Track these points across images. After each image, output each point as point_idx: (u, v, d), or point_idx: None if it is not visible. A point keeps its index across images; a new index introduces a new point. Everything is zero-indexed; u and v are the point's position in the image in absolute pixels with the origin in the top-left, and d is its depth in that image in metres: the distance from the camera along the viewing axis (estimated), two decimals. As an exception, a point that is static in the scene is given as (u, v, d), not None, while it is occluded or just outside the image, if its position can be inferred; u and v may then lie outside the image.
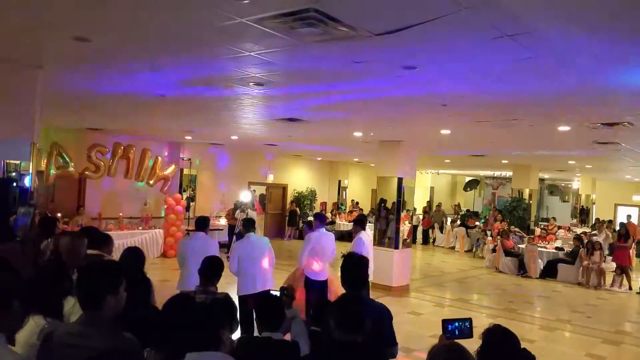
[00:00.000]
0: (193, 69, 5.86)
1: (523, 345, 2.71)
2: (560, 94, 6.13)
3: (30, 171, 6.09)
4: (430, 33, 4.00)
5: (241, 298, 6.34)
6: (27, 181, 6.04)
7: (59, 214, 11.69)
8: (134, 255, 4.35)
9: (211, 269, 4.42)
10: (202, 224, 6.82)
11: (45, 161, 11.99)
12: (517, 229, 16.61)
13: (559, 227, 19.40)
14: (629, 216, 19.45)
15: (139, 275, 3.87)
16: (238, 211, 15.37)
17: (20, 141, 6.00)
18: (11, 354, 2.33)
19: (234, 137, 13.46)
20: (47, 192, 12.94)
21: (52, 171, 12.23)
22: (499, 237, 15.92)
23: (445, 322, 3.08)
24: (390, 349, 3.49)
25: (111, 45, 5.06)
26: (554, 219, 19.84)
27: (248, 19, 3.88)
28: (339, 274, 3.77)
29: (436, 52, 4.62)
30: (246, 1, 3.53)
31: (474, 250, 18.73)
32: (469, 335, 3.04)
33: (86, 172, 13.07)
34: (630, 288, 13.30)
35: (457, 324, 3.07)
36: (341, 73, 5.58)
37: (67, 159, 12.46)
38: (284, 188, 20.83)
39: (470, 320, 3.10)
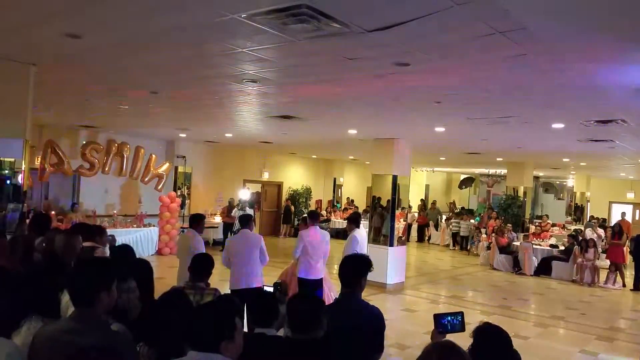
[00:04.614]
0: (186, 65, 5.85)
1: (516, 341, 2.73)
2: (553, 91, 6.15)
3: (23, 168, 6.07)
4: (423, 29, 4.00)
5: (231, 292, 6.41)
6: (20, 178, 6.03)
7: (52, 212, 11.65)
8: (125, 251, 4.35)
9: (199, 265, 4.47)
10: (191, 221, 6.89)
11: (39, 158, 11.96)
12: (510, 227, 16.59)
13: (553, 225, 19.43)
14: (623, 214, 19.48)
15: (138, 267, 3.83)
16: (235, 209, 15.35)
17: (14, 139, 5.98)
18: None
19: (229, 135, 13.43)
20: (41, 189, 12.93)
21: (47, 168, 12.20)
22: (493, 234, 15.96)
23: (438, 317, 3.08)
24: (376, 354, 3.47)
25: (103, 43, 5.04)
26: (547, 216, 19.91)
27: (240, 15, 3.88)
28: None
29: (429, 49, 4.62)
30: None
31: (468, 247, 18.77)
32: (461, 329, 3.05)
33: (80, 170, 13.04)
34: (623, 285, 13.36)
35: (449, 318, 3.08)
36: (334, 70, 5.58)
37: (62, 157, 12.42)
38: (279, 186, 20.82)
39: (462, 314, 3.10)
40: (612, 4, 3.40)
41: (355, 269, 3.57)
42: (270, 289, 5.36)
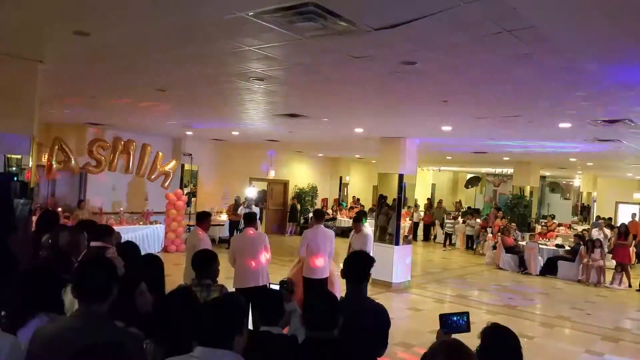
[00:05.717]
0: (193, 63, 5.86)
1: (522, 341, 2.72)
2: (560, 90, 6.12)
3: (30, 165, 6.10)
4: (431, 28, 3.99)
5: (237, 291, 6.44)
6: (27, 175, 6.06)
7: (59, 209, 11.71)
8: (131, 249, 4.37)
9: (201, 262, 4.44)
10: (197, 218, 6.91)
11: (46, 156, 12.01)
12: (514, 226, 16.52)
13: (560, 225, 19.32)
14: (633, 214, 19.23)
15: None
16: (242, 207, 15.37)
17: (21, 136, 6.01)
18: None
19: (235, 133, 13.45)
20: (48, 186, 12.99)
21: (54, 165, 12.24)
22: (499, 234, 15.92)
23: (443, 317, 3.08)
24: (381, 350, 3.49)
25: (110, 40, 5.06)
26: (552, 216, 19.80)
27: (247, 13, 3.88)
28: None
29: (436, 48, 4.61)
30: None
31: (474, 247, 18.73)
32: (467, 329, 3.05)
33: (87, 167, 13.08)
34: (629, 285, 13.30)
35: (454, 318, 3.08)
36: (340, 68, 5.57)
37: (69, 154, 12.47)
38: (285, 184, 20.83)
39: (467, 314, 3.10)
40: (620, 3, 3.38)
41: (358, 266, 3.60)
42: (276, 287, 5.36)
